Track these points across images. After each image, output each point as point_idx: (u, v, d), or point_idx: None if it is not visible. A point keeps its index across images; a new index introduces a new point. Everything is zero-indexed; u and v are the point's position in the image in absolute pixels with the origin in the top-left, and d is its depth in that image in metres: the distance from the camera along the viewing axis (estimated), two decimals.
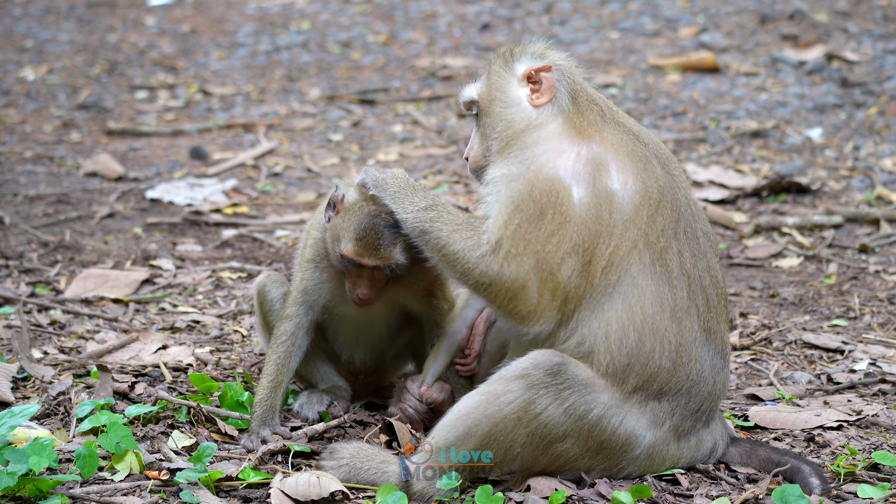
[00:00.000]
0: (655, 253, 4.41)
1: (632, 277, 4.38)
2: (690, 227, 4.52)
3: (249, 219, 8.21)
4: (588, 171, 4.37)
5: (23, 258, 7.20)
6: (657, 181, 4.46)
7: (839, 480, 4.64)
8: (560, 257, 4.33)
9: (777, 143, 9.60)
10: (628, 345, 4.38)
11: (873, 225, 7.99)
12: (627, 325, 4.38)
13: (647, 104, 10.52)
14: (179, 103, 11.05)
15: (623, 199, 4.38)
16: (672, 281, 4.43)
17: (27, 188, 8.62)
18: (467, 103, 4.71)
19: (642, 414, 4.45)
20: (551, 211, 4.33)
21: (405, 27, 13.11)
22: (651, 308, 4.40)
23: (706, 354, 4.53)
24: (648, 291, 4.40)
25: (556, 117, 4.51)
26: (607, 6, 13.08)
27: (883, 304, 6.78)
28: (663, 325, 4.41)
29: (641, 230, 4.40)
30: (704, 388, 4.54)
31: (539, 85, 4.53)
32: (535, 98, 4.54)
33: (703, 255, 4.54)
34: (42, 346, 5.86)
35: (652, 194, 4.43)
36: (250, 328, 6.25)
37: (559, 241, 4.33)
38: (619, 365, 4.39)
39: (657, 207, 4.43)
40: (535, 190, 4.35)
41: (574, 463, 4.44)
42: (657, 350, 4.41)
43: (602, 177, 4.38)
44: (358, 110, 10.82)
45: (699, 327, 4.50)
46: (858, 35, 11.60)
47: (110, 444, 4.54)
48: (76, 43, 12.77)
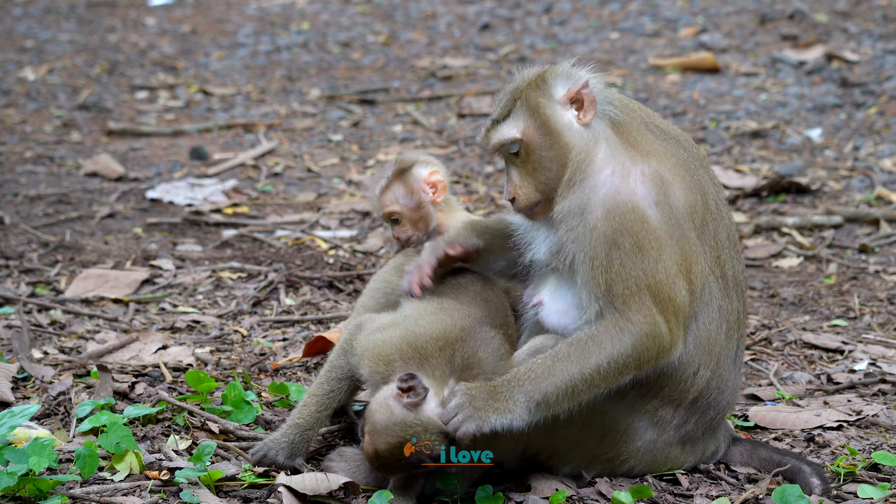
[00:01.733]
0: (719, 265, 4.38)
1: (710, 294, 4.34)
2: (731, 231, 4.50)
3: (249, 219, 8.21)
4: (656, 190, 4.24)
5: (23, 258, 7.20)
6: (710, 187, 4.42)
7: (839, 480, 4.64)
8: (672, 281, 4.20)
9: (777, 143, 9.60)
10: (682, 358, 4.32)
11: (873, 225, 7.99)
12: (691, 341, 4.32)
13: (647, 104, 10.50)
14: (180, 103, 11.05)
15: (692, 215, 4.30)
16: (730, 292, 4.41)
17: (27, 188, 8.62)
18: (509, 143, 4.40)
19: (651, 416, 4.45)
20: (644, 236, 4.17)
21: (405, 27, 13.12)
22: (713, 322, 4.36)
23: (733, 364, 4.52)
24: (715, 305, 4.36)
25: (606, 132, 4.35)
26: (607, 6, 13.08)
27: (883, 304, 6.78)
28: (719, 339, 4.38)
29: (709, 245, 4.35)
30: (726, 397, 4.53)
31: (581, 104, 4.36)
32: (582, 116, 4.35)
33: (740, 259, 4.52)
34: (42, 346, 5.86)
35: (710, 204, 4.38)
36: (250, 328, 6.25)
37: (667, 266, 4.19)
38: (656, 375, 4.34)
39: (717, 216, 4.39)
40: (624, 221, 4.18)
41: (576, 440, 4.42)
42: (703, 362, 4.37)
43: (669, 194, 4.26)
44: (358, 110, 10.82)
45: (738, 336, 4.49)
46: (858, 35, 11.60)
47: (110, 444, 4.54)
48: (76, 43, 12.77)
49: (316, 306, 6.59)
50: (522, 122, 4.38)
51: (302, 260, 7.32)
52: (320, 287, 6.89)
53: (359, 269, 7.16)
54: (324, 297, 6.75)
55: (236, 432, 4.89)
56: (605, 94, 4.42)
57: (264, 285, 6.79)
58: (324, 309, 6.55)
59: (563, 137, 4.34)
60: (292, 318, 6.35)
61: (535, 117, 4.37)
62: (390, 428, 4.16)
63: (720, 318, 4.38)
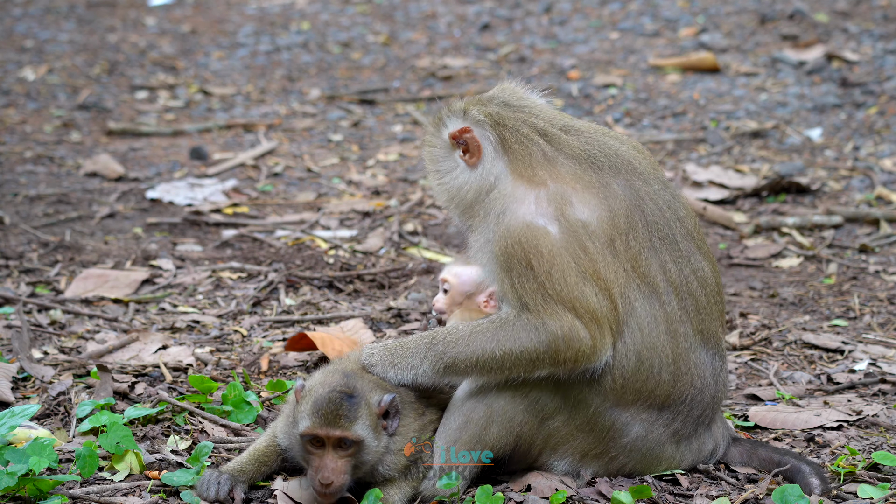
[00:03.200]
0: (640, 275, 4.44)
1: (632, 303, 4.42)
2: (667, 235, 4.51)
3: (249, 219, 8.21)
4: (553, 208, 4.38)
5: (23, 258, 7.20)
6: (621, 203, 4.45)
7: (839, 480, 4.64)
8: (576, 287, 4.33)
9: (777, 143, 9.60)
10: (629, 367, 4.42)
11: (873, 225, 7.99)
12: (630, 350, 4.41)
13: (647, 104, 10.52)
14: (179, 103, 11.05)
15: (597, 231, 4.39)
16: (661, 297, 4.45)
17: (27, 188, 8.62)
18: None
19: (634, 417, 4.47)
20: (534, 255, 4.33)
21: (405, 27, 13.11)
22: (647, 327, 4.43)
23: (705, 358, 4.54)
24: (643, 312, 4.43)
25: (499, 169, 4.51)
26: (607, 6, 13.08)
27: (883, 304, 6.78)
28: (659, 340, 4.44)
29: (622, 258, 4.41)
30: (707, 392, 4.55)
31: (465, 147, 4.55)
32: (469, 158, 4.54)
33: (687, 258, 4.54)
34: (42, 346, 5.86)
35: (619, 221, 4.43)
36: (250, 328, 6.25)
37: (563, 275, 4.33)
38: (616, 386, 4.43)
39: (628, 232, 4.44)
40: (512, 244, 4.35)
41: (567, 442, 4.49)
42: (655, 366, 4.44)
43: (569, 210, 4.38)
44: (358, 110, 10.82)
45: (693, 333, 4.51)
46: (858, 35, 11.60)
47: (110, 444, 4.54)
48: (76, 43, 12.77)
49: (316, 306, 6.59)
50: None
51: (302, 260, 7.32)
52: (320, 287, 6.89)
53: (359, 269, 7.16)
54: (324, 297, 6.75)
55: (239, 432, 4.89)
56: (496, 133, 4.52)
57: (264, 285, 6.79)
58: (324, 309, 6.56)
59: (457, 180, 4.57)
60: (292, 318, 6.35)
61: (427, 157, 4.68)
62: None
63: (654, 321, 4.44)
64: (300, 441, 4.27)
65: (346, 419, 4.22)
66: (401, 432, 4.41)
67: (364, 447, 4.26)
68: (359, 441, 4.24)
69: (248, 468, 4.44)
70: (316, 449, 4.25)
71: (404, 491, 4.40)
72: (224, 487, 4.33)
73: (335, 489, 4.23)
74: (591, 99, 10.62)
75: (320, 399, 4.24)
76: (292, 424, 4.32)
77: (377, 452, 4.32)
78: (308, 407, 4.25)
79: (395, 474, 4.40)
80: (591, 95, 10.69)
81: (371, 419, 4.28)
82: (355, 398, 4.25)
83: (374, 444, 4.29)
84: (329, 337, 5.73)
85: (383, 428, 4.34)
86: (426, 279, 7.00)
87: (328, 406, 4.22)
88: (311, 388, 4.33)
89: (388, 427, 4.34)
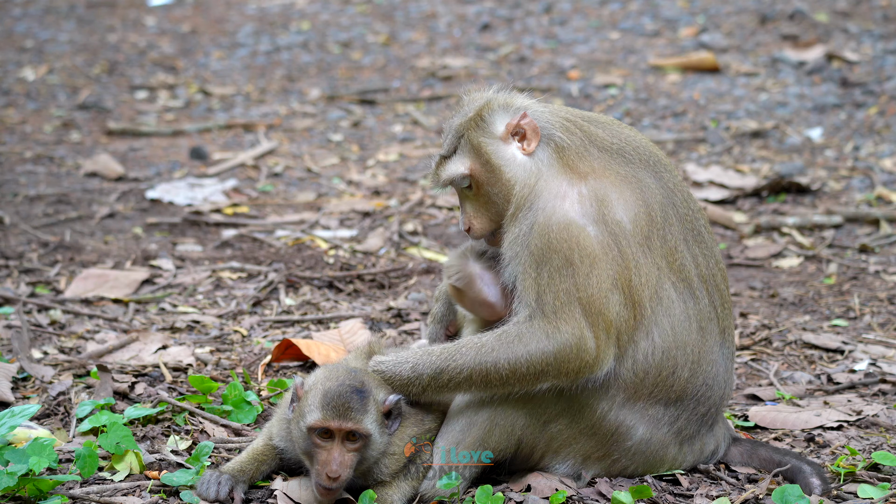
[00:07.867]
0: (675, 270, 4.43)
1: (669, 300, 4.40)
2: (695, 228, 4.53)
3: (249, 219, 8.21)
4: (594, 208, 4.35)
5: (23, 258, 7.20)
6: (655, 196, 4.45)
7: (839, 480, 4.64)
8: (604, 295, 4.30)
9: (777, 143, 9.60)
10: (652, 363, 4.40)
11: (873, 225, 7.99)
12: (657, 348, 4.40)
13: (647, 104, 10.52)
14: (179, 103, 11.05)
15: (635, 230, 4.37)
16: (694, 292, 4.47)
17: (27, 188, 8.62)
18: (459, 179, 4.55)
19: (641, 415, 4.46)
20: (578, 253, 4.29)
21: (405, 27, 13.11)
22: (680, 325, 4.42)
23: (721, 357, 4.56)
24: (678, 310, 4.42)
25: (548, 159, 4.47)
26: (607, 6, 13.08)
27: (883, 304, 6.78)
28: (690, 338, 4.45)
29: (659, 254, 4.41)
30: (717, 390, 4.56)
31: (524, 135, 4.49)
32: (525, 146, 4.49)
33: (711, 251, 4.57)
34: (42, 346, 5.86)
35: (656, 215, 4.43)
36: (250, 328, 6.25)
37: (599, 281, 4.30)
38: (637, 380, 4.41)
39: (664, 226, 4.44)
40: (554, 239, 4.31)
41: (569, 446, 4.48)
42: (679, 363, 4.44)
43: (608, 210, 4.36)
44: (358, 110, 10.82)
45: (718, 330, 4.54)
46: (858, 35, 11.60)
47: (110, 444, 4.54)
48: (76, 43, 12.77)
49: (316, 306, 6.59)
50: (469, 160, 4.55)
51: (302, 260, 7.32)
52: (320, 287, 6.89)
53: (359, 269, 7.16)
54: (324, 297, 6.75)
55: (240, 432, 4.89)
56: (546, 117, 4.51)
57: (264, 285, 6.79)
58: (324, 309, 6.55)
59: (506, 174, 4.47)
60: (292, 318, 6.35)
61: (478, 156, 4.52)
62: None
63: (688, 319, 4.44)
64: (306, 435, 4.26)
65: (356, 412, 4.23)
66: (399, 435, 4.41)
67: (371, 442, 4.27)
68: (367, 435, 4.25)
69: (248, 468, 4.45)
70: (324, 442, 4.25)
71: (403, 491, 4.40)
72: (224, 488, 4.34)
73: (341, 483, 4.24)
74: (591, 99, 10.63)
75: (330, 392, 4.25)
76: (297, 419, 4.31)
77: (380, 450, 4.33)
78: (317, 400, 4.25)
79: (389, 478, 4.40)
80: (591, 95, 10.69)
81: (378, 415, 4.30)
82: (364, 392, 4.27)
83: (379, 441, 4.31)
84: (315, 343, 5.74)
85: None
86: (426, 279, 7.00)
87: (339, 399, 4.23)
88: (315, 384, 4.33)
89: (389, 427, 4.35)
